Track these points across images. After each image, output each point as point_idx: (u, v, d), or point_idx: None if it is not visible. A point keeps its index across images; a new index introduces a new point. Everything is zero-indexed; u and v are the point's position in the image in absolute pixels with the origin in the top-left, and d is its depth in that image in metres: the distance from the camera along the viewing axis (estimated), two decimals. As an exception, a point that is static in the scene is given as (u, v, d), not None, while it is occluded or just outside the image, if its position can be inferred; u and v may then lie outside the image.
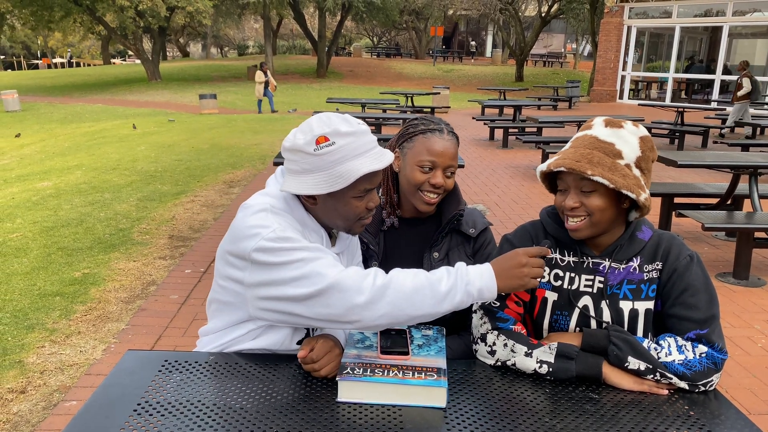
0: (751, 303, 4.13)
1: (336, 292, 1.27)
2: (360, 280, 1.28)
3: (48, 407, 2.74)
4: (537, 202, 6.89)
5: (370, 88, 24.83)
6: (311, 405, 1.28)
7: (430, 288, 1.29)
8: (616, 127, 1.46)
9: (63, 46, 52.25)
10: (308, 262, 1.30)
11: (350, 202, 1.42)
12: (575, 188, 1.43)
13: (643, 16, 20.22)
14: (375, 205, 1.47)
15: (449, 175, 1.70)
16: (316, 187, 1.38)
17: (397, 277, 1.30)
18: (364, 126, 1.44)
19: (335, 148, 1.36)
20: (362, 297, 1.26)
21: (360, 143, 1.39)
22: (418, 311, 1.28)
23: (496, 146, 11.26)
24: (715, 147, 11.07)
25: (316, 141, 1.37)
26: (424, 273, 1.32)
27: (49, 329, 3.52)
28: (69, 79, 31.22)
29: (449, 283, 1.30)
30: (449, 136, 1.70)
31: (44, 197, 6.79)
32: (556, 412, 1.28)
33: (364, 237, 1.79)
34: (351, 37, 54.44)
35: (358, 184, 1.40)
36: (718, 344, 1.40)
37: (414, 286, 1.28)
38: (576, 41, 42.12)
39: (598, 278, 1.51)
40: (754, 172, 5.06)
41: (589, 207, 1.42)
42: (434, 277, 1.31)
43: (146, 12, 24.65)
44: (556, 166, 1.42)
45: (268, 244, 1.31)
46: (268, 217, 1.37)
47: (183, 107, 19.02)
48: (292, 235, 1.34)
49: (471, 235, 1.79)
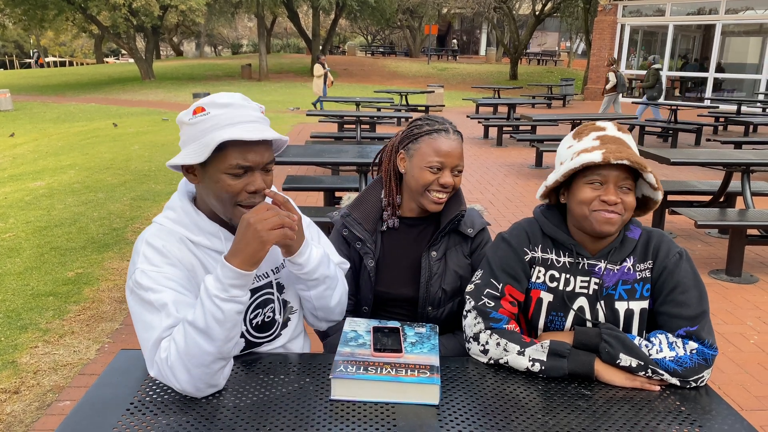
0: (744, 300, 4.15)
1: (161, 378, 1.31)
2: (163, 368, 1.28)
3: (41, 407, 2.73)
4: (531, 200, 6.91)
5: (365, 87, 24.81)
6: (304, 403, 1.28)
7: (194, 331, 1.26)
8: (627, 133, 1.51)
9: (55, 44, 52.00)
10: (145, 328, 1.32)
11: (222, 179, 1.34)
12: (615, 184, 1.44)
13: (636, 14, 20.28)
14: (256, 189, 1.36)
15: (457, 174, 1.71)
16: (188, 156, 1.34)
17: (176, 348, 1.27)
18: (254, 104, 1.40)
19: (207, 117, 1.34)
20: (172, 384, 1.29)
21: (233, 114, 1.34)
22: (209, 355, 1.27)
23: (490, 144, 11.27)
24: (708, 145, 11.12)
25: (193, 111, 1.36)
26: (186, 321, 1.28)
27: (43, 329, 3.51)
28: (62, 79, 31.07)
29: (202, 312, 1.27)
30: (455, 135, 1.71)
31: (37, 197, 6.76)
32: (549, 408, 1.29)
33: (360, 233, 1.78)
34: (345, 35, 54.36)
35: (228, 157, 1.32)
36: (708, 340, 1.41)
37: (186, 344, 1.26)
38: (570, 39, 42.18)
39: (593, 279, 1.51)
40: (747, 170, 5.08)
41: (627, 204, 1.44)
42: (192, 318, 1.28)
43: (139, 10, 24.55)
44: (616, 159, 1.40)
45: (131, 285, 1.35)
46: (141, 251, 1.37)
47: (177, 106, 18.95)
48: (146, 282, 1.32)
49: (469, 235, 1.79)
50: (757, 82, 17.63)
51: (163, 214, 1.44)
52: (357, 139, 8.58)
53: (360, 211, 1.82)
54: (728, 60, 19.19)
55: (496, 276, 1.55)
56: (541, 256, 1.56)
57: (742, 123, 10.29)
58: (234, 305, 1.28)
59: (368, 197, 1.85)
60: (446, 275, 1.76)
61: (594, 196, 1.45)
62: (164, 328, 1.30)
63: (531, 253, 1.56)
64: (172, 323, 1.30)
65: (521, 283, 1.55)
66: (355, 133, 8.77)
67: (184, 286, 1.36)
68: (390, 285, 1.80)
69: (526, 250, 1.56)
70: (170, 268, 1.36)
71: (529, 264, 1.57)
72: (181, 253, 1.39)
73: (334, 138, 9.13)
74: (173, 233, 1.40)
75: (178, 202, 1.45)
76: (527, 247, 1.56)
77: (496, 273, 1.55)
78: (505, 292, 1.54)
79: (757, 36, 18.59)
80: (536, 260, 1.56)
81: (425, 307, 1.77)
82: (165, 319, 1.30)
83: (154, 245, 1.37)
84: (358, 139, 8.57)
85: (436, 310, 1.77)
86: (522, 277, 1.55)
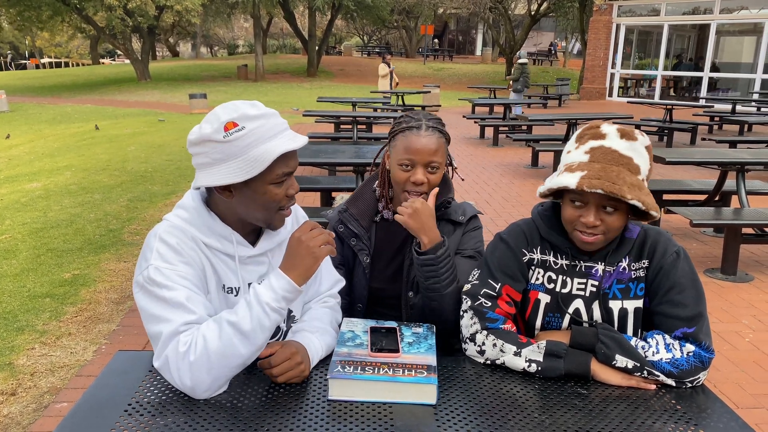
0: (739, 298, 4.17)
1: (166, 372, 1.31)
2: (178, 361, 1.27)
3: (38, 409, 2.72)
4: (527, 200, 6.92)
5: (361, 87, 24.80)
6: (302, 403, 1.29)
7: (236, 335, 1.28)
8: (631, 140, 1.41)
9: (50, 45, 51.85)
10: (158, 321, 1.31)
11: (269, 190, 1.35)
12: (597, 206, 1.39)
13: (631, 14, 20.33)
14: (295, 192, 1.41)
15: (432, 171, 1.68)
16: (232, 175, 1.31)
17: (205, 345, 1.27)
18: (272, 110, 1.39)
19: (246, 132, 1.31)
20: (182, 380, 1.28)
21: (270, 125, 1.34)
22: (240, 359, 1.29)
23: (486, 144, 11.29)
24: (704, 144, 11.15)
25: (225, 128, 1.31)
26: (226, 321, 1.30)
27: (40, 331, 3.50)
28: (58, 80, 30.97)
29: (249, 316, 1.29)
30: (428, 132, 1.67)
31: (33, 198, 6.74)
32: (546, 407, 1.30)
33: (356, 229, 1.78)
34: (341, 35, 54.34)
35: (275, 168, 1.34)
36: (705, 342, 1.41)
37: (222, 343, 1.27)
38: (565, 39, 42.24)
39: (590, 282, 1.50)
40: (741, 169, 5.10)
41: (609, 225, 1.40)
42: (236, 319, 1.29)
43: (135, 11, 24.49)
44: (590, 187, 1.33)
45: (141, 281, 1.34)
46: (155, 247, 1.35)
47: (173, 107, 18.91)
48: (160, 279, 1.31)
49: (461, 222, 1.78)
50: (752, 82, 17.69)
51: (175, 213, 1.43)
52: (354, 139, 8.59)
53: (356, 207, 1.82)
54: (723, 59, 19.25)
55: (494, 276, 1.54)
56: (540, 258, 1.55)
57: (737, 122, 10.33)
58: (279, 317, 1.32)
59: (364, 193, 1.85)
60: None
61: (575, 216, 1.42)
62: (182, 322, 1.30)
63: (529, 255, 1.56)
64: (191, 319, 1.30)
65: (519, 283, 1.55)
66: (351, 134, 8.78)
67: (196, 284, 1.36)
68: (384, 279, 1.80)
69: (524, 251, 1.56)
70: (184, 266, 1.35)
71: (528, 265, 1.56)
72: (193, 252, 1.38)
73: (330, 138, 9.14)
74: (186, 232, 1.39)
75: (191, 202, 1.43)
76: (525, 249, 1.56)
77: (494, 273, 1.55)
78: (502, 292, 1.53)
79: (752, 35, 18.64)
80: (535, 262, 1.56)
81: (406, 292, 1.77)
82: (183, 315, 1.30)
83: (168, 242, 1.36)
84: (354, 139, 8.58)
85: (417, 297, 1.76)
86: (520, 277, 1.55)
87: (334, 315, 1.61)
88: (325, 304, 1.63)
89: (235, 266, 1.43)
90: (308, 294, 1.63)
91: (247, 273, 1.46)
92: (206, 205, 1.44)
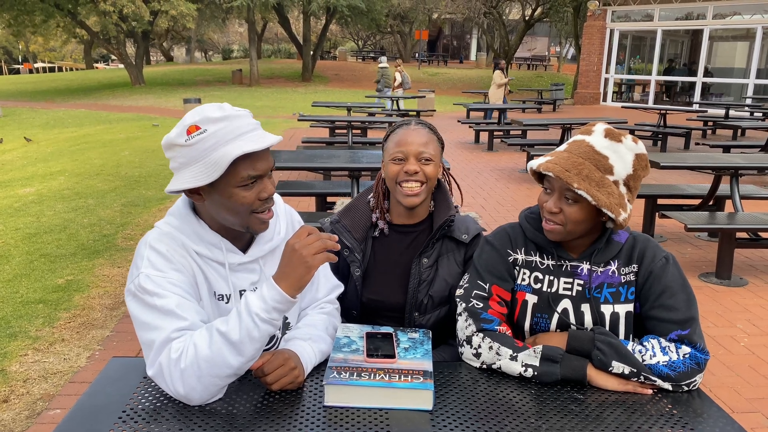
0: (734, 302, 4.18)
1: (159, 379, 1.30)
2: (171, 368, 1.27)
3: (31, 416, 2.70)
4: (522, 205, 6.93)
5: (355, 92, 24.84)
6: (298, 410, 1.28)
7: (225, 344, 1.26)
8: (615, 141, 1.44)
9: (44, 50, 51.72)
10: (150, 329, 1.30)
11: (235, 193, 1.32)
12: (559, 193, 1.44)
13: (625, 19, 20.44)
14: (269, 195, 1.37)
15: (425, 162, 1.69)
16: (195, 179, 1.30)
17: (195, 353, 1.26)
18: (243, 111, 1.36)
19: (206, 135, 1.29)
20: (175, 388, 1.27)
21: (233, 127, 1.31)
22: (230, 369, 1.27)
23: (481, 149, 11.31)
24: (697, 149, 11.21)
25: (187, 131, 1.30)
26: (217, 330, 1.28)
27: (33, 337, 3.48)
28: (51, 84, 30.89)
29: (238, 326, 1.26)
30: (417, 126, 1.74)
31: (26, 203, 6.71)
32: (542, 412, 1.29)
33: (348, 241, 1.78)
34: (336, 40, 54.43)
35: (239, 170, 1.31)
36: (700, 344, 1.42)
37: (211, 352, 1.26)
38: (560, 44, 42.44)
39: (577, 281, 1.52)
40: (735, 173, 5.13)
41: (567, 215, 1.43)
42: (226, 329, 1.27)
43: (129, 16, 24.47)
44: (546, 169, 1.42)
45: (133, 288, 1.33)
46: (145, 255, 1.35)
47: (167, 112, 18.88)
48: (151, 287, 1.30)
49: (464, 241, 1.78)
50: (745, 87, 17.81)
51: (165, 220, 1.42)
52: (348, 144, 8.59)
53: (350, 218, 1.82)
54: (716, 65, 19.38)
55: (482, 277, 1.57)
56: (525, 259, 1.58)
57: (730, 127, 10.39)
58: (270, 327, 1.28)
59: (359, 204, 1.85)
60: (435, 282, 1.76)
61: (542, 201, 1.49)
62: (173, 329, 1.29)
63: (514, 255, 1.58)
64: (183, 326, 1.29)
65: (507, 283, 1.58)
66: (346, 138, 8.78)
67: (187, 291, 1.35)
68: (380, 292, 1.79)
69: (509, 251, 1.58)
70: (175, 273, 1.35)
71: (513, 265, 1.58)
72: (183, 259, 1.38)
73: (325, 143, 9.13)
74: (175, 239, 1.39)
75: (181, 209, 1.42)
76: (510, 249, 1.59)
77: (482, 274, 1.58)
78: (492, 291, 1.55)
79: (744, 41, 18.78)
80: (520, 262, 1.58)
81: (411, 313, 1.77)
82: (174, 321, 1.29)
83: (158, 250, 1.35)
84: (349, 144, 8.59)
85: (423, 317, 1.77)
86: (507, 276, 1.58)
87: (331, 321, 1.60)
88: (322, 311, 1.61)
89: (225, 273, 1.43)
90: (305, 300, 1.62)
91: (238, 280, 1.45)
92: (194, 211, 1.44)
